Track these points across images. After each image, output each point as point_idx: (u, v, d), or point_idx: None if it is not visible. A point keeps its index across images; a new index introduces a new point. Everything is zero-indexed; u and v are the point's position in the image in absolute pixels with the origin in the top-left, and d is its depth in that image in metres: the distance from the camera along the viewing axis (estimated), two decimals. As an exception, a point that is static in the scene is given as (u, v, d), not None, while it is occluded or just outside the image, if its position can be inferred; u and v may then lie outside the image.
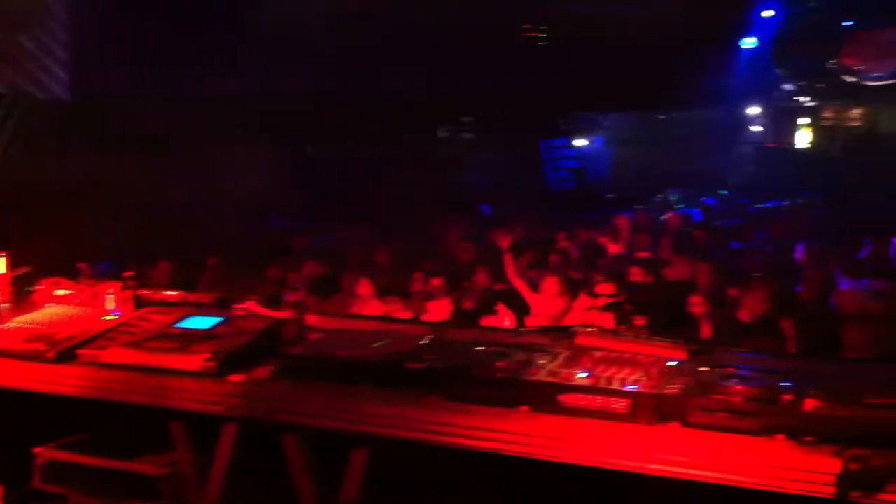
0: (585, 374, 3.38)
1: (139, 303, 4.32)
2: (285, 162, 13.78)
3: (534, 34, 16.03)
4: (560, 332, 4.00)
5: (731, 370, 3.39)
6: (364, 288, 6.98)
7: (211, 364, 3.61)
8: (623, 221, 10.54)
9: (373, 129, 15.35)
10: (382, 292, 7.03)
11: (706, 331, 6.58)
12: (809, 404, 3.04)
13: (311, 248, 9.39)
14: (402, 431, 3.37)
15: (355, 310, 6.75)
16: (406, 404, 3.39)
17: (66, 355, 3.95)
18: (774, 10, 16.27)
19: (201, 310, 4.18)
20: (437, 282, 7.25)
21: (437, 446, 3.33)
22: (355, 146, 15.88)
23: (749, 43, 17.30)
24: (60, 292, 4.52)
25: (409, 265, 8.39)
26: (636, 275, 7.61)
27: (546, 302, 7.06)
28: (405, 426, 3.36)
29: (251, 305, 4.39)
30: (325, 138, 15.53)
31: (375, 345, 3.74)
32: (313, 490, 3.60)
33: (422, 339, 3.82)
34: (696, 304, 6.81)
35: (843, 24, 15.64)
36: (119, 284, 4.33)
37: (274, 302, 4.39)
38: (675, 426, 3.09)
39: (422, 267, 8.09)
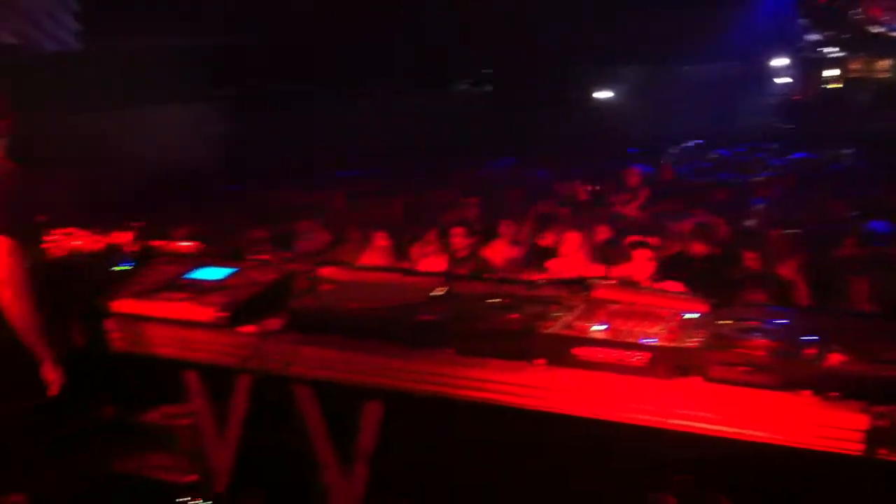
0: (602, 328, 3.31)
1: (151, 253, 4.27)
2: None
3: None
4: (577, 285, 3.91)
5: (753, 324, 3.31)
6: (381, 240, 6.92)
7: (222, 315, 3.55)
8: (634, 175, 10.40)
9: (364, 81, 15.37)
10: (397, 245, 6.97)
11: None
12: (834, 359, 2.96)
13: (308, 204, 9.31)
14: (415, 384, 3.32)
15: (367, 262, 6.72)
16: (418, 357, 3.33)
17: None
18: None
19: (214, 261, 4.12)
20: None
21: (451, 399, 3.27)
22: (348, 99, 15.88)
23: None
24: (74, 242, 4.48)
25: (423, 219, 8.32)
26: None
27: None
28: (418, 379, 3.31)
29: (264, 257, 4.33)
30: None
31: (386, 297, 3.67)
32: (329, 442, 3.56)
33: (434, 292, 3.76)
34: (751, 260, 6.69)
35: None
36: (132, 235, 4.27)
37: (287, 254, 4.32)
38: (695, 380, 3.02)
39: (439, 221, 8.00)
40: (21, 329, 3.28)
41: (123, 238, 4.34)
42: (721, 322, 3.34)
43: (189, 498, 3.77)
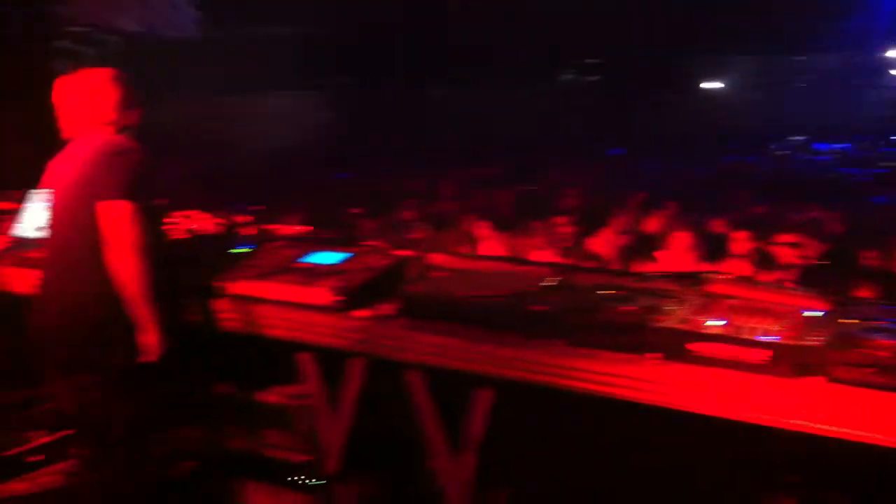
0: (719, 323, 3.24)
1: (267, 237, 4.37)
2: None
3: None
4: (690, 279, 3.84)
5: (879, 323, 3.19)
6: (485, 230, 6.95)
7: (337, 299, 3.61)
8: None
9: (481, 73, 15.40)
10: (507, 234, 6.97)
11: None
12: (968, 363, 2.83)
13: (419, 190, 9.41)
14: (526, 374, 3.30)
15: (478, 250, 6.73)
16: (529, 347, 3.31)
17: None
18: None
19: (327, 245, 4.19)
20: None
21: (562, 391, 3.25)
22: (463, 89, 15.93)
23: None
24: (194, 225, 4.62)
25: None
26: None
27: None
28: (529, 369, 3.29)
29: (376, 243, 4.39)
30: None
31: (497, 286, 3.67)
32: (439, 428, 3.59)
33: (545, 281, 3.74)
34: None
35: None
36: (250, 218, 4.38)
37: (398, 241, 4.38)
38: (817, 381, 2.93)
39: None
40: (129, 294, 3.38)
41: (241, 221, 4.46)
42: (845, 321, 3.23)
43: (301, 477, 3.86)
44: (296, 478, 3.88)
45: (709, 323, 3.25)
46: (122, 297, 3.39)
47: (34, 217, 4.39)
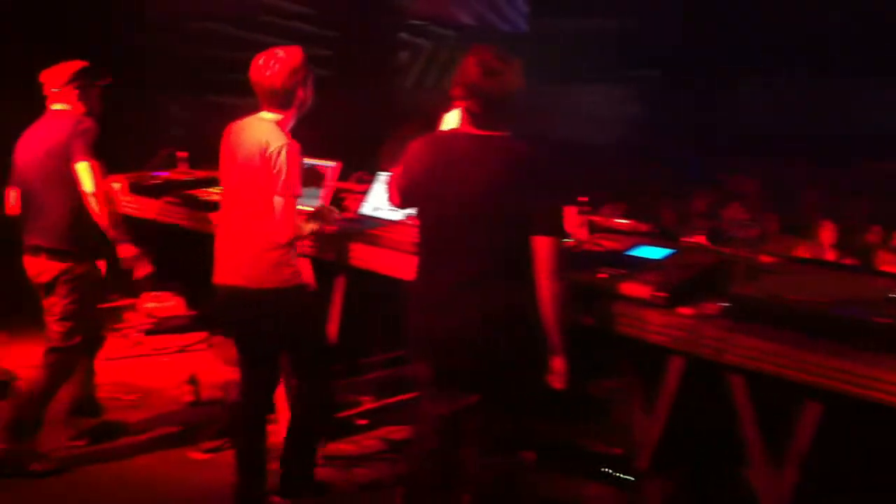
0: None
1: (592, 229, 4.41)
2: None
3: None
4: None
5: None
6: (828, 231, 6.41)
7: (661, 294, 3.56)
8: None
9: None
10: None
11: None
12: None
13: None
14: (860, 390, 3.05)
15: (808, 253, 6.35)
16: (870, 362, 3.06)
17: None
18: None
19: (652, 240, 4.16)
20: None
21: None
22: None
23: None
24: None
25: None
26: None
27: None
28: (865, 384, 3.04)
29: (700, 240, 4.30)
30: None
31: (833, 293, 3.46)
32: (759, 437, 3.45)
33: (891, 293, 3.47)
34: None
35: None
36: (574, 209, 4.43)
37: (722, 238, 4.25)
38: None
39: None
40: (550, 320, 3.35)
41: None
42: None
43: (612, 469, 3.87)
44: (607, 470, 3.90)
45: None
46: (544, 322, 3.36)
47: (380, 196, 4.71)
